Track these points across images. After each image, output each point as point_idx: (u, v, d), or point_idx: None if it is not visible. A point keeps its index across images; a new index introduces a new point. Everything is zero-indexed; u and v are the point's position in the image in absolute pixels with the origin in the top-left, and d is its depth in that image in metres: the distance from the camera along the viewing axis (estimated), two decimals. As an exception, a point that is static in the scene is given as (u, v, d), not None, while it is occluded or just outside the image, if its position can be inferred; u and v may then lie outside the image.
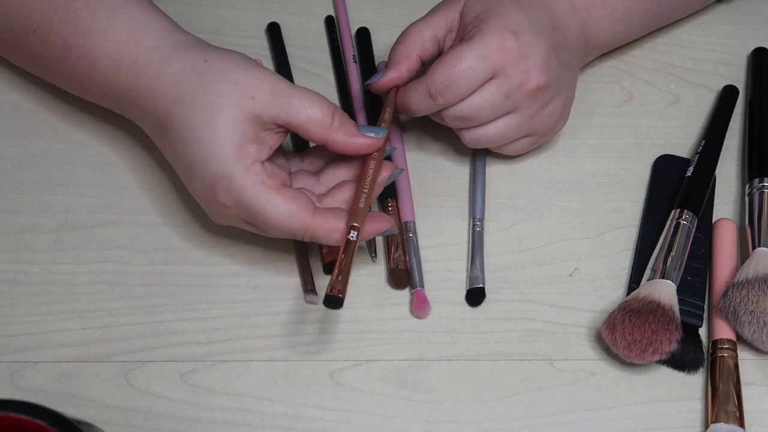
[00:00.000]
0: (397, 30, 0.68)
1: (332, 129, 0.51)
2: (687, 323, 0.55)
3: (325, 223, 0.51)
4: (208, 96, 0.50)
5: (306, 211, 0.50)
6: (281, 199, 0.50)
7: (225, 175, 0.49)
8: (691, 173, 0.60)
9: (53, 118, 0.62)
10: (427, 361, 0.55)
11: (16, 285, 0.56)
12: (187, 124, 0.50)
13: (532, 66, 0.55)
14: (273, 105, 0.50)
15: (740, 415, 0.52)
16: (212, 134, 0.50)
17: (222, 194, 0.50)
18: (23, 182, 0.60)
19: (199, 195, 0.53)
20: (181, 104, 0.51)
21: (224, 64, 0.52)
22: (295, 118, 0.50)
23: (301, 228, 0.50)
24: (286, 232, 0.51)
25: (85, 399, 0.52)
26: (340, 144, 0.52)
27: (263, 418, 0.52)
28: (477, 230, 0.59)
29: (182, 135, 0.51)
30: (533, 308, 0.57)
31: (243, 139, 0.50)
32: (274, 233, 0.52)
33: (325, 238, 0.51)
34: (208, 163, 0.50)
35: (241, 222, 0.52)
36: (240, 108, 0.50)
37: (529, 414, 0.53)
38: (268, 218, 0.50)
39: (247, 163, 0.50)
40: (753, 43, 0.69)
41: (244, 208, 0.50)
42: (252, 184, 0.49)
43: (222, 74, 0.51)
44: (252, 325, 0.55)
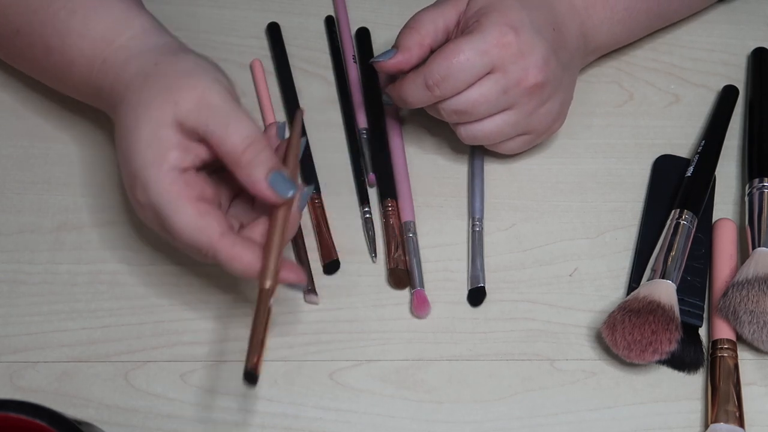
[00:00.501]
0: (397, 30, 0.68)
1: (240, 163, 0.48)
2: (687, 323, 0.55)
3: (232, 249, 0.48)
4: (141, 98, 0.50)
5: (214, 230, 0.48)
6: (192, 211, 0.48)
7: (142, 175, 0.48)
8: (691, 173, 0.60)
9: (53, 118, 0.62)
10: (427, 361, 0.55)
11: (16, 285, 0.56)
12: (122, 124, 0.50)
13: (531, 63, 0.55)
14: (194, 116, 0.48)
15: (740, 415, 0.52)
16: (137, 134, 0.49)
17: (139, 193, 0.49)
18: (23, 182, 0.60)
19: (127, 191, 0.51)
20: (123, 105, 0.51)
21: (171, 68, 0.51)
22: (210, 136, 0.48)
23: (205, 245, 0.48)
24: (191, 244, 0.48)
25: (85, 399, 0.52)
26: (243, 181, 0.49)
27: (263, 418, 0.52)
28: (477, 230, 0.59)
29: (118, 134, 0.51)
30: (533, 308, 0.57)
31: (164, 143, 0.48)
32: (181, 245, 0.49)
33: (227, 264, 0.48)
34: (130, 162, 0.49)
35: (157, 226, 0.50)
36: (162, 112, 0.49)
37: (529, 414, 0.53)
38: (175, 226, 0.48)
39: (165, 168, 0.48)
40: (753, 43, 0.69)
41: (156, 211, 0.49)
42: (165, 189, 0.48)
43: (162, 79, 0.50)
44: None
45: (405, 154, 0.62)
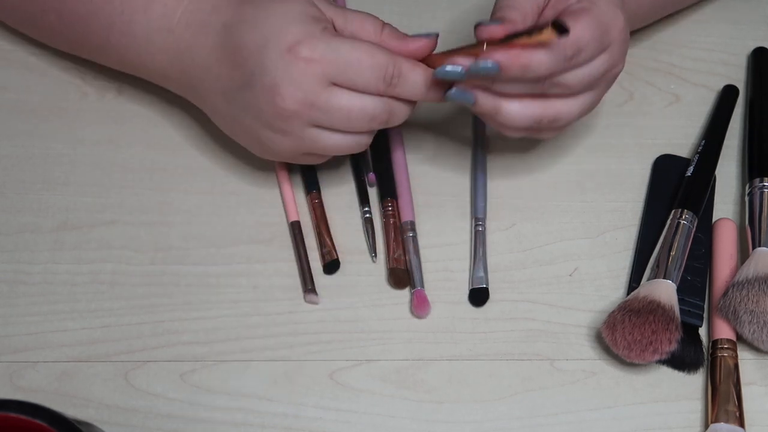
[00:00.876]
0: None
1: (382, 38, 0.53)
2: (687, 323, 0.55)
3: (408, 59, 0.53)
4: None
5: (384, 49, 0.52)
6: (361, 41, 0.52)
7: (308, 33, 0.51)
8: (691, 173, 0.60)
9: (53, 118, 0.62)
10: (427, 361, 0.55)
11: (16, 285, 0.56)
12: (261, 10, 0.53)
13: (624, 51, 0.55)
14: (332, 10, 0.54)
15: (740, 415, 0.52)
16: (287, 8, 0.52)
17: (304, 50, 0.51)
18: (23, 182, 0.60)
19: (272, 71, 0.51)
20: (247, 4, 0.53)
21: None
22: (349, 26, 0.53)
23: (386, 60, 0.51)
24: (375, 68, 0.51)
25: (85, 399, 0.52)
26: (392, 47, 0.53)
27: (263, 418, 0.52)
28: (479, 230, 0.59)
29: (255, 20, 0.52)
30: (533, 308, 0.57)
31: (314, 12, 0.52)
32: (366, 75, 0.51)
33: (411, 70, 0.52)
34: (288, 28, 0.51)
35: (320, 86, 0.51)
36: (305, 1, 0.53)
37: (529, 414, 0.53)
38: (354, 56, 0.51)
39: (324, 24, 0.52)
40: (753, 43, 0.69)
41: (332, 57, 0.51)
42: (332, 36, 0.52)
43: None
44: (252, 325, 0.55)
45: (405, 154, 0.62)
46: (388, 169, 0.61)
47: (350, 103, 0.52)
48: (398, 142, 0.63)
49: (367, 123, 0.53)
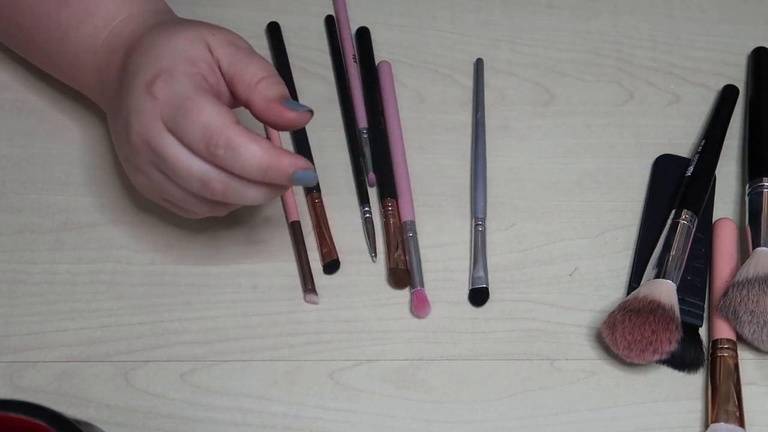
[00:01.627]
0: (397, 30, 0.69)
1: (258, 87, 0.49)
2: (687, 323, 0.55)
3: (247, 133, 0.47)
4: (180, 23, 0.53)
5: (231, 118, 0.47)
6: (213, 99, 0.48)
7: (168, 68, 0.49)
8: (691, 173, 0.60)
9: (53, 118, 0.62)
10: (427, 361, 0.55)
11: (16, 285, 0.56)
12: (153, 39, 0.52)
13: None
14: (224, 49, 0.51)
15: (740, 415, 0.52)
16: (170, 41, 0.51)
17: (159, 85, 0.49)
18: (23, 182, 0.60)
19: (130, 98, 0.50)
20: (153, 29, 0.53)
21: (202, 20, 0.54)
22: (234, 68, 0.50)
23: (220, 127, 0.47)
24: (204, 129, 0.47)
25: (85, 399, 0.52)
26: (257, 105, 0.49)
27: (263, 418, 0.52)
28: (479, 230, 0.59)
29: (144, 46, 0.52)
30: (533, 308, 0.57)
31: (197, 53, 0.50)
32: (193, 131, 0.47)
33: (240, 148, 0.47)
34: (157, 61, 0.50)
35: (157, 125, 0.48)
36: (200, 33, 0.51)
37: (529, 414, 0.53)
38: (194, 108, 0.47)
39: (193, 69, 0.49)
40: (753, 43, 0.69)
41: (173, 101, 0.48)
42: (191, 81, 0.49)
43: (196, 20, 0.54)
44: (252, 325, 0.55)
45: (405, 154, 0.62)
46: (388, 169, 0.61)
47: (177, 156, 0.48)
48: (398, 143, 0.63)
49: (197, 186, 0.49)
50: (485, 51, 0.68)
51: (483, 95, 0.65)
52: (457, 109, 0.65)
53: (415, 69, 0.67)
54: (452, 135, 0.64)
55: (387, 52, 0.67)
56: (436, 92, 0.66)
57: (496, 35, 0.69)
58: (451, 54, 0.68)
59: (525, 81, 0.67)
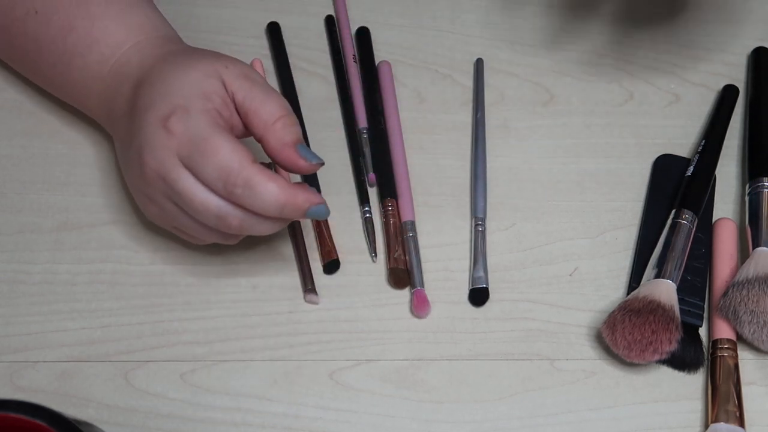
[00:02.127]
0: (397, 30, 0.69)
1: (274, 128, 0.50)
2: (687, 323, 0.55)
3: (263, 171, 0.48)
4: (192, 56, 0.53)
5: (248, 156, 0.48)
6: (230, 137, 0.49)
7: (183, 105, 0.49)
8: (691, 173, 0.60)
9: (53, 118, 0.62)
10: (427, 361, 0.55)
11: (16, 285, 0.56)
12: (166, 72, 0.52)
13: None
14: (239, 83, 0.51)
15: (740, 415, 0.52)
16: (185, 76, 0.51)
17: (174, 120, 0.49)
18: (23, 182, 0.60)
19: (143, 132, 0.50)
20: (164, 62, 0.53)
21: (214, 51, 0.54)
22: (249, 103, 0.50)
23: (237, 166, 0.47)
24: (221, 168, 0.48)
25: (85, 399, 0.52)
26: (272, 147, 0.50)
27: (263, 418, 0.52)
28: (479, 230, 0.59)
29: (155, 79, 0.51)
30: (533, 308, 0.57)
31: (211, 88, 0.50)
32: (211, 170, 0.48)
33: (259, 187, 0.48)
34: (172, 96, 0.50)
35: (173, 160, 0.49)
36: (214, 67, 0.51)
37: (529, 414, 0.53)
38: (211, 147, 0.48)
39: (208, 105, 0.49)
40: (753, 43, 0.69)
41: (189, 137, 0.48)
42: (207, 118, 0.49)
43: (209, 51, 0.54)
44: (252, 325, 0.55)
45: (405, 154, 0.62)
46: (388, 169, 0.61)
47: (193, 192, 0.49)
48: (398, 143, 0.62)
49: (213, 220, 0.50)
50: (485, 51, 0.68)
51: (483, 95, 0.65)
52: (457, 109, 0.65)
53: (415, 69, 0.67)
54: (452, 135, 0.64)
55: (387, 52, 0.67)
56: (436, 92, 0.66)
57: (496, 35, 0.69)
58: (451, 54, 0.68)
59: (525, 81, 0.67)
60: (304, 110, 0.64)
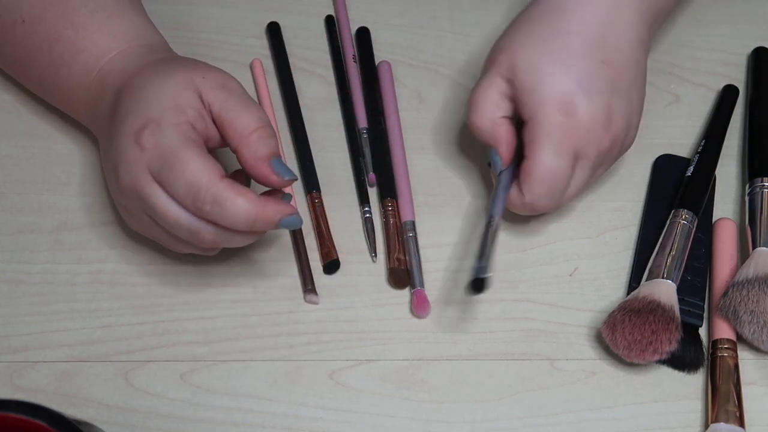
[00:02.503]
0: (397, 30, 0.69)
1: (249, 141, 0.50)
2: (687, 323, 0.55)
3: (233, 187, 0.48)
4: (169, 67, 0.52)
5: (218, 171, 0.48)
6: (200, 152, 0.48)
7: (156, 118, 0.49)
8: (691, 173, 0.60)
9: (53, 118, 0.62)
10: (427, 361, 0.55)
11: (16, 285, 0.56)
12: (143, 83, 0.52)
13: (601, 135, 0.54)
14: (215, 93, 0.51)
15: (740, 415, 0.52)
16: (160, 87, 0.51)
17: (146, 135, 0.49)
18: (23, 182, 0.60)
19: (118, 144, 0.50)
20: (144, 72, 0.53)
21: (199, 60, 0.54)
22: (225, 114, 0.50)
23: (206, 183, 0.47)
24: (190, 184, 0.48)
25: (85, 399, 0.52)
26: (245, 160, 0.50)
27: (263, 418, 0.52)
28: (492, 226, 0.55)
29: (133, 90, 0.52)
30: (533, 308, 0.57)
31: (185, 100, 0.50)
32: (180, 186, 0.48)
33: (227, 203, 0.47)
34: (145, 108, 0.50)
35: (144, 175, 0.49)
36: (190, 78, 0.51)
37: (529, 414, 0.53)
38: (180, 163, 0.48)
39: (182, 118, 0.49)
40: (753, 43, 0.69)
41: (160, 152, 0.48)
42: (178, 132, 0.49)
43: (188, 59, 0.54)
44: (252, 325, 0.55)
45: (405, 154, 0.62)
46: (388, 169, 0.61)
47: (165, 208, 0.49)
48: (398, 143, 0.62)
49: (187, 235, 0.50)
50: (485, 51, 0.68)
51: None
52: (458, 109, 0.65)
53: (415, 69, 0.67)
54: (452, 135, 0.64)
55: (387, 52, 0.67)
56: (436, 92, 0.66)
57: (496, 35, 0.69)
58: (451, 54, 0.68)
59: (525, 81, 0.67)
60: (304, 110, 0.64)
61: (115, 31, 0.56)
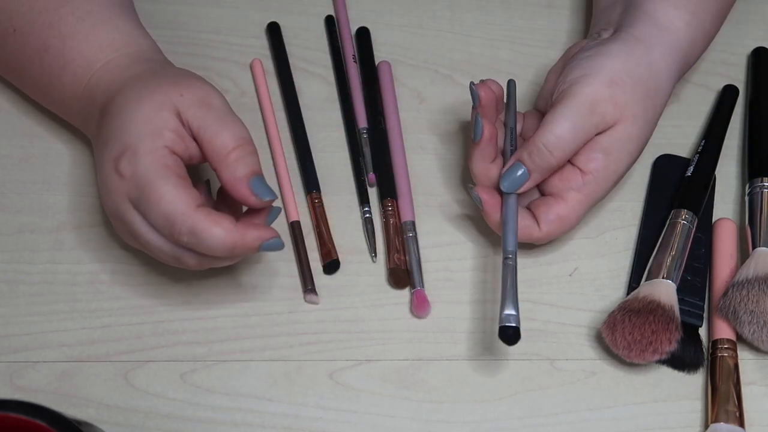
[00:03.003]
0: (397, 30, 0.69)
1: (227, 160, 0.49)
2: (687, 323, 0.55)
3: (208, 216, 0.48)
4: (147, 85, 0.52)
5: (193, 199, 0.48)
6: (174, 181, 0.48)
7: (132, 145, 0.49)
8: (691, 173, 0.60)
9: (53, 118, 0.62)
10: (427, 361, 0.55)
11: (16, 285, 0.56)
12: (122, 104, 0.51)
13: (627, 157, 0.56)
14: (193, 110, 0.50)
15: (740, 415, 0.52)
16: (136, 111, 0.50)
17: (123, 163, 0.49)
18: (23, 182, 0.60)
19: (100, 171, 0.51)
20: (123, 91, 0.52)
21: (177, 70, 0.54)
22: (204, 132, 0.50)
23: (181, 214, 0.48)
24: (167, 214, 0.48)
25: (85, 399, 0.52)
26: (224, 180, 0.50)
27: (263, 418, 0.52)
28: (509, 264, 0.53)
29: (113, 113, 0.52)
30: (533, 308, 0.57)
31: (162, 123, 0.50)
32: (156, 218, 0.48)
33: (203, 234, 0.48)
34: (123, 134, 0.50)
35: (125, 203, 0.49)
36: (168, 97, 0.50)
37: (529, 414, 0.53)
38: (155, 194, 0.48)
39: (158, 143, 0.49)
40: (753, 43, 0.69)
41: (136, 182, 0.49)
42: (153, 159, 0.49)
43: (170, 75, 0.53)
44: (252, 325, 0.55)
45: (405, 154, 0.62)
46: (388, 169, 0.61)
47: (147, 236, 0.50)
48: (398, 143, 0.62)
49: (172, 261, 0.51)
50: (485, 51, 0.68)
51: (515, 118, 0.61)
52: (457, 108, 0.65)
53: (415, 69, 0.67)
54: (452, 135, 0.64)
55: (387, 52, 0.67)
56: (436, 92, 0.66)
57: (496, 35, 0.69)
58: (451, 54, 0.68)
59: (525, 81, 0.67)
60: (304, 110, 0.64)
61: (100, 41, 0.55)
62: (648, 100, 0.55)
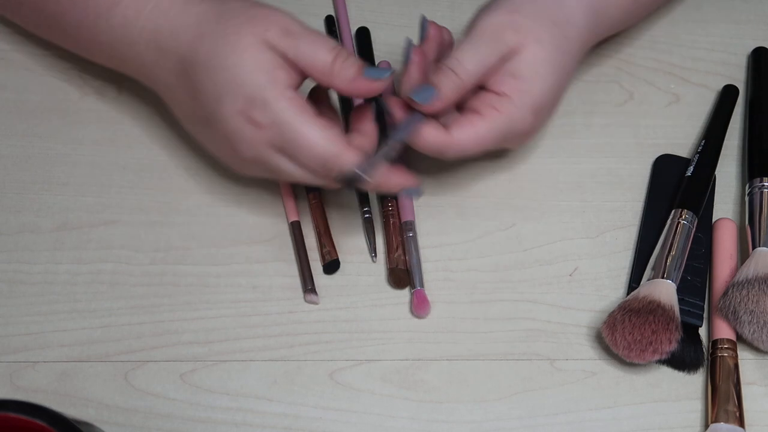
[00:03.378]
0: (397, 30, 0.69)
1: (333, 71, 0.51)
2: (687, 323, 0.55)
3: (356, 156, 0.51)
4: (229, 27, 0.52)
5: (341, 138, 0.51)
6: (318, 122, 0.51)
7: (258, 96, 0.50)
8: (691, 173, 0.60)
9: (53, 118, 0.62)
10: (427, 361, 0.55)
11: (16, 285, 0.56)
12: (214, 54, 0.52)
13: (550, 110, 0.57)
14: (284, 41, 0.51)
15: (740, 415, 0.52)
16: (241, 60, 0.51)
17: (257, 114, 0.50)
18: (23, 182, 0.60)
19: (226, 124, 0.52)
20: (205, 38, 0.52)
21: (243, 5, 0.53)
22: (302, 57, 0.51)
23: (333, 153, 0.50)
24: (320, 155, 0.50)
25: (85, 399, 0.52)
26: (339, 87, 0.52)
27: (263, 418, 0.52)
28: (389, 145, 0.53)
29: (209, 66, 0.52)
30: (533, 308, 0.57)
31: (270, 64, 0.51)
32: (309, 160, 0.51)
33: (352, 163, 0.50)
34: (240, 87, 0.50)
35: (268, 150, 0.52)
36: (257, 38, 0.51)
37: (529, 414, 0.53)
38: (304, 137, 0.50)
39: (280, 86, 0.51)
40: (753, 42, 0.69)
41: (279, 130, 0.50)
42: (289, 105, 0.50)
43: (241, 11, 0.53)
44: (252, 325, 0.55)
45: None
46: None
47: (293, 173, 0.52)
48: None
49: (316, 183, 0.53)
50: (485, 51, 0.68)
51: None
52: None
53: (415, 69, 0.67)
54: (452, 135, 0.64)
55: (387, 52, 0.67)
56: (436, 92, 0.66)
57: (496, 35, 0.69)
58: (451, 54, 0.68)
59: (525, 81, 0.67)
60: (304, 110, 0.64)
61: None
62: (554, 27, 0.55)
